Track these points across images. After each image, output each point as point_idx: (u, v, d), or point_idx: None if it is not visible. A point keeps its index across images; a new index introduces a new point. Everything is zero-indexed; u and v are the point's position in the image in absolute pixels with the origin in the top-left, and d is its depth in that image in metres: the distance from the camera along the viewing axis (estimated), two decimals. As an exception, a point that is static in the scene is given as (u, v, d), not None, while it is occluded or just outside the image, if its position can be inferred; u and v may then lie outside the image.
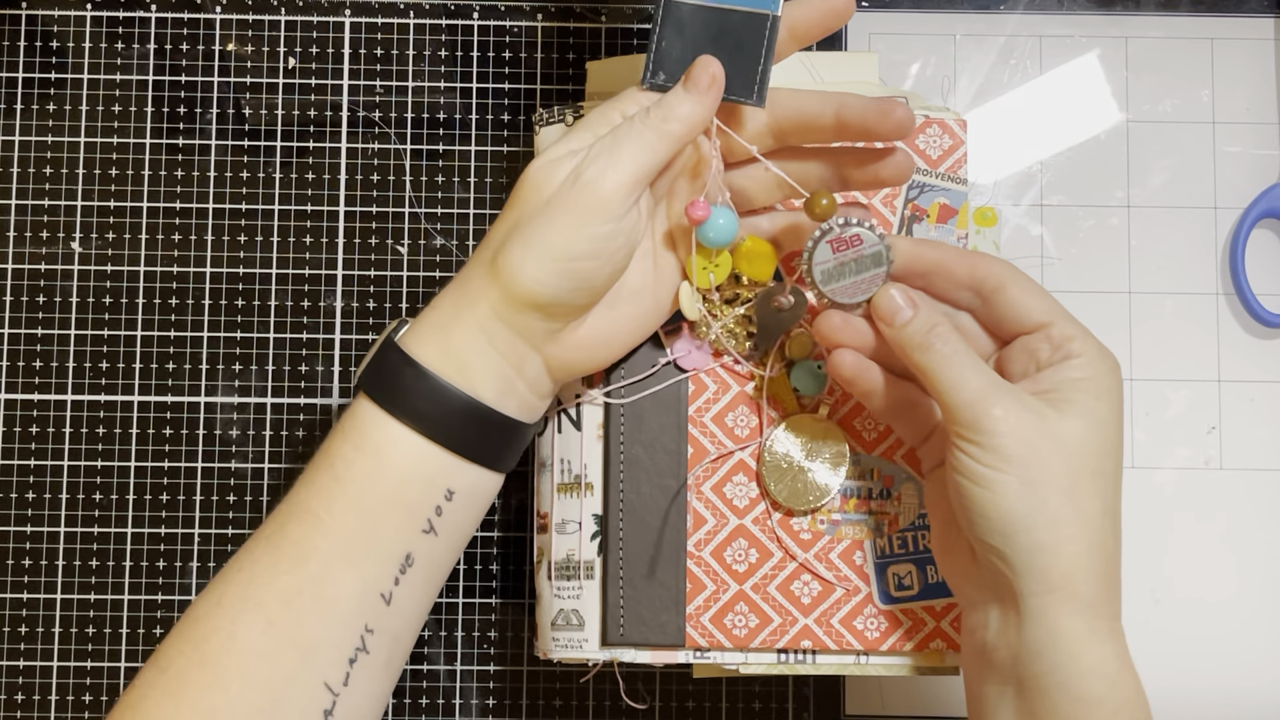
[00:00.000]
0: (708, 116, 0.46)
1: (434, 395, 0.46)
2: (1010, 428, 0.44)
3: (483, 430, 0.47)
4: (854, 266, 0.48)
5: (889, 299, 0.48)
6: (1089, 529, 0.45)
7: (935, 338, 0.46)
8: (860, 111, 0.47)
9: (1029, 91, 0.64)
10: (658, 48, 0.48)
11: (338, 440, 0.47)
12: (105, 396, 0.62)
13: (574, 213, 0.45)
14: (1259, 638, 0.61)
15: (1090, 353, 0.46)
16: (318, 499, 0.46)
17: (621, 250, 0.46)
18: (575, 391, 0.54)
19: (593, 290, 0.47)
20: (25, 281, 0.62)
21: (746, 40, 0.47)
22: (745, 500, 0.53)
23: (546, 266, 0.45)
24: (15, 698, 0.61)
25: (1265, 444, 0.62)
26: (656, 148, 0.46)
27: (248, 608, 0.45)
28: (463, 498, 0.47)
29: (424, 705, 0.61)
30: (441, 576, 0.49)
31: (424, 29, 0.64)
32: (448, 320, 0.47)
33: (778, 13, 0.47)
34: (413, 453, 0.46)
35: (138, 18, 0.64)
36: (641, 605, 0.52)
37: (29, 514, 0.61)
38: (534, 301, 0.46)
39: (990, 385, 0.45)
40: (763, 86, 0.47)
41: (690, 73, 0.47)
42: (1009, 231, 0.63)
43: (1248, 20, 0.64)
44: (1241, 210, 0.63)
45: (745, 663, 0.53)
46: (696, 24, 0.47)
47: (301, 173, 0.63)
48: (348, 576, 0.45)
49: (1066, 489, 0.44)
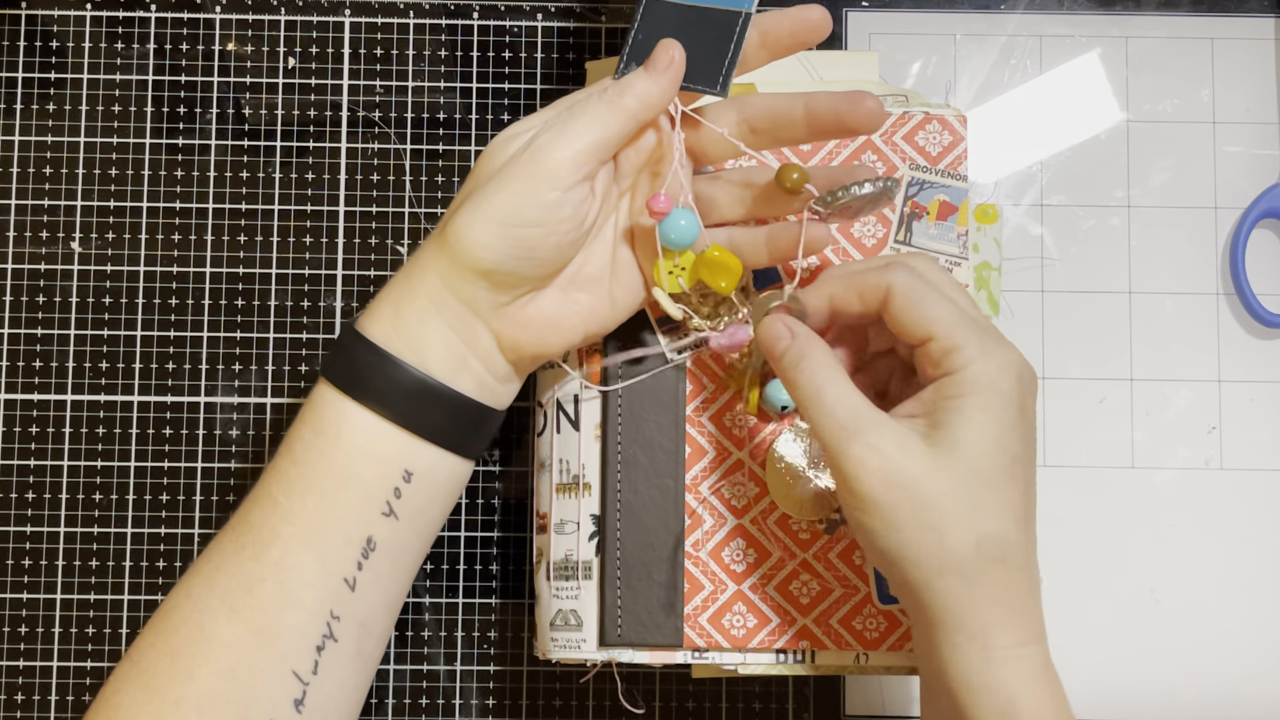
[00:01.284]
0: (665, 96, 0.46)
1: (385, 371, 0.46)
2: (869, 470, 0.44)
3: (437, 408, 0.47)
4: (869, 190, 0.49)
5: (770, 328, 0.48)
6: (961, 561, 0.43)
7: (807, 362, 0.46)
8: (830, 104, 0.47)
9: (1029, 91, 0.64)
10: (633, 41, 0.48)
11: (298, 423, 0.47)
12: (105, 396, 0.62)
13: (522, 178, 0.45)
14: (1259, 638, 0.61)
15: (974, 363, 0.44)
16: (277, 483, 0.46)
17: (568, 223, 0.46)
18: (575, 392, 0.54)
19: (538, 261, 0.46)
20: (25, 281, 0.63)
21: (718, 35, 0.47)
22: (743, 500, 0.53)
23: (491, 231, 0.45)
24: (15, 698, 0.61)
25: (1265, 444, 0.62)
26: (608, 121, 0.45)
27: (213, 596, 0.45)
28: (422, 480, 0.47)
29: (424, 705, 0.61)
30: (410, 564, 0.48)
31: (424, 29, 0.64)
32: (399, 295, 0.47)
33: (751, 10, 0.47)
34: (366, 431, 0.46)
35: (137, 18, 0.64)
36: (639, 606, 0.52)
37: (29, 514, 0.62)
38: (478, 267, 0.45)
39: (851, 420, 0.44)
40: (727, 77, 0.47)
41: (652, 54, 0.47)
42: (1009, 232, 0.63)
43: (1248, 20, 0.64)
44: (1242, 210, 0.63)
45: (744, 663, 0.53)
46: (673, 21, 0.48)
47: (301, 173, 0.63)
48: (308, 561, 0.45)
49: (929, 524, 0.43)
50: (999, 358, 0.44)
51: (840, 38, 0.64)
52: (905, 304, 0.46)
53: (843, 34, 0.64)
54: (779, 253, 0.50)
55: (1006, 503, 0.44)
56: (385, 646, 0.48)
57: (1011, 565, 0.44)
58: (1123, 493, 0.62)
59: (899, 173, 0.54)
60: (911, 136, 0.54)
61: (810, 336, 0.47)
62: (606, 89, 0.46)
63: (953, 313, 0.45)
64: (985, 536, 0.43)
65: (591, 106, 0.46)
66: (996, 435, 0.44)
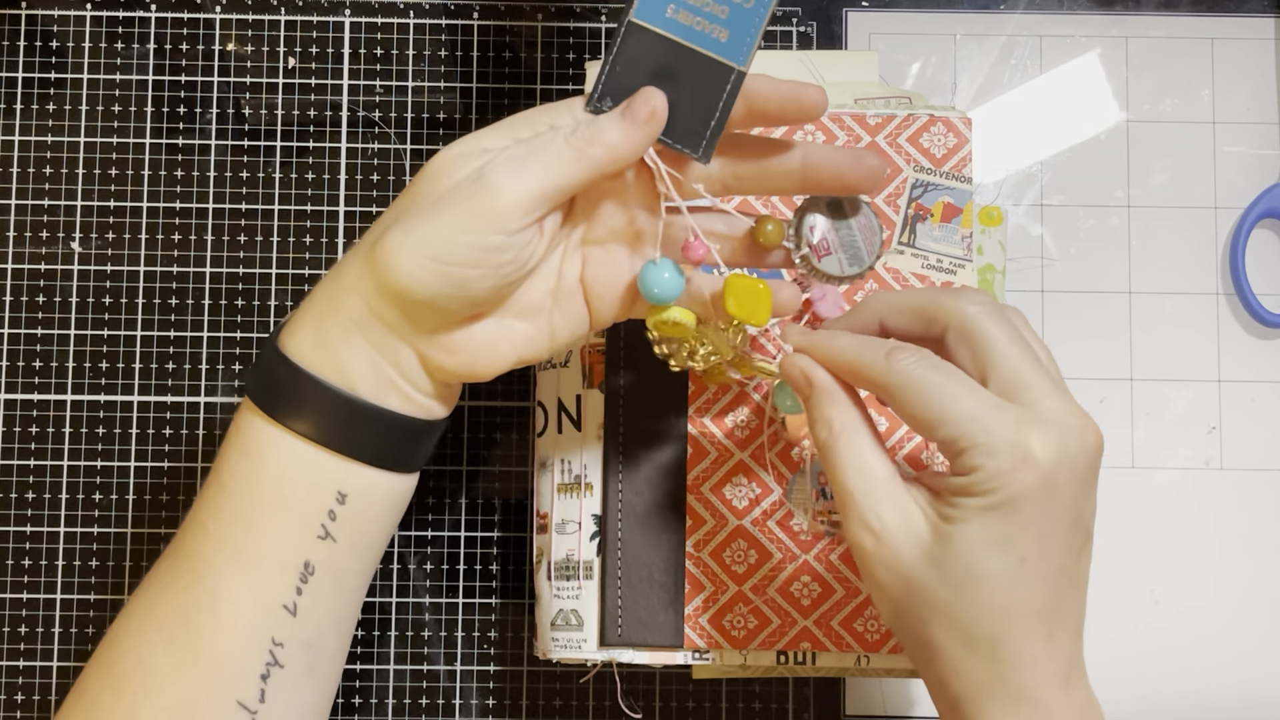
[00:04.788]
0: (637, 151, 0.42)
1: (308, 392, 0.43)
2: (869, 552, 0.41)
3: (365, 428, 0.44)
4: (847, 235, 0.46)
5: (789, 371, 0.44)
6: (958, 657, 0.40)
7: (820, 427, 0.43)
8: (830, 161, 0.44)
9: (1029, 91, 0.64)
10: (610, 70, 0.43)
11: (225, 446, 0.45)
12: (105, 396, 0.62)
13: (465, 214, 0.41)
14: (1259, 638, 0.61)
15: (986, 467, 0.39)
16: (206, 510, 0.44)
17: (508, 267, 0.42)
18: (577, 391, 0.54)
19: (469, 301, 0.43)
20: (25, 281, 0.62)
21: (705, 88, 0.43)
22: (745, 501, 0.53)
23: (423, 264, 0.41)
24: (15, 698, 0.61)
25: (1265, 444, 0.62)
26: (571, 169, 0.41)
27: (150, 628, 0.43)
28: (358, 500, 0.45)
29: (424, 705, 0.61)
30: (357, 582, 0.46)
31: (424, 29, 0.64)
32: (322, 311, 0.44)
33: (745, 68, 0.42)
34: (293, 453, 0.44)
35: (138, 17, 0.64)
36: (640, 606, 0.52)
37: (29, 514, 0.61)
38: (405, 298, 0.42)
39: (863, 493, 0.41)
40: (711, 142, 0.43)
41: (631, 101, 0.42)
42: (1009, 232, 0.63)
43: (1248, 20, 0.64)
44: (1242, 210, 0.63)
45: (745, 664, 0.53)
46: (657, 55, 0.43)
47: (301, 173, 0.63)
48: (242, 590, 0.43)
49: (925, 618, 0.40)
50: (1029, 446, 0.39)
51: (840, 38, 0.64)
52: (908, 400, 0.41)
53: (843, 34, 0.64)
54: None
55: (1009, 604, 0.39)
56: (345, 658, 0.47)
57: (1011, 666, 0.40)
58: (1123, 493, 0.62)
59: (903, 174, 0.54)
60: (916, 138, 0.54)
61: (828, 385, 0.43)
62: (576, 130, 0.42)
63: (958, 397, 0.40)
64: (978, 638, 0.40)
65: (555, 149, 0.42)
66: (1000, 534, 0.39)
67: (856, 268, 0.46)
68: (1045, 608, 0.40)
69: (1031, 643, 0.40)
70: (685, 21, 0.42)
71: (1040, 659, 0.40)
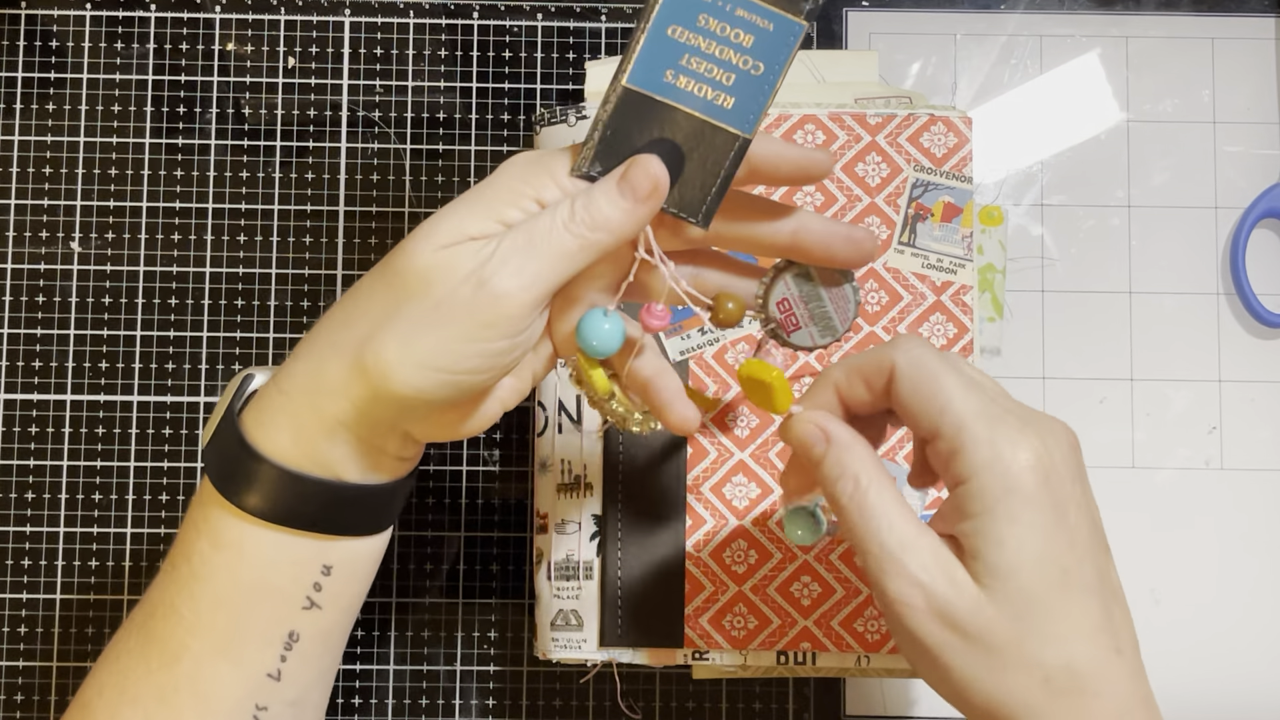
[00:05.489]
0: (639, 228, 0.40)
1: (289, 487, 0.41)
2: (917, 609, 0.38)
3: (349, 506, 0.43)
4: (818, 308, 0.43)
5: (801, 428, 0.41)
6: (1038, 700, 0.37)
7: (842, 486, 0.40)
8: (823, 238, 0.41)
9: (1029, 91, 0.64)
10: (602, 136, 0.40)
11: (191, 532, 0.43)
12: (105, 396, 0.62)
13: (470, 325, 0.38)
14: (1259, 637, 0.61)
15: (983, 470, 0.38)
16: (179, 595, 0.42)
17: (515, 363, 0.41)
18: (576, 392, 0.54)
19: (473, 396, 0.41)
20: (25, 281, 0.62)
21: (707, 154, 0.40)
22: (745, 501, 0.53)
23: (426, 376, 0.39)
24: (15, 698, 0.61)
25: (1265, 444, 0.62)
26: (576, 259, 0.39)
27: (124, 702, 0.42)
28: (342, 568, 0.44)
29: (424, 705, 0.61)
30: (340, 638, 0.45)
31: (424, 29, 0.64)
32: (300, 409, 0.41)
33: (750, 135, 0.40)
34: (274, 544, 0.42)
35: (137, 17, 0.64)
36: (640, 606, 0.52)
37: (29, 514, 0.61)
38: (405, 405, 0.40)
39: (897, 549, 0.38)
40: (711, 209, 0.40)
41: (628, 172, 0.39)
42: (1009, 232, 0.63)
43: (1248, 20, 0.64)
44: (1242, 210, 0.63)
45: (744, 664, 0.53)
46: (654, 121, 0.40)
47: (301, 173, 0.63)
48: (224, 670, 0.42)
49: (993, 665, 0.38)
50: (1013, 454, 0.38)
51: (840, 38, 0.64)
52: (911, 386, 0.40)
53: (843, 34, 0.64)
54: (649, 401, 0.45)
55: (1071, 623, 0.38)
56: (326, 706, 0.47)
57: (1092, 693, 0.37)
58: (1123, 493, 0.62)
59: (904, 174, 0.54)
60: (916, 138, 0.54)
61: (846, 439, 0.41)
62: (575, 217, 0.39)
63: (963, 399, 0.39)
64: (1055, 670, 0.37)
65: (557, 240, 0.39)
66: (1036, 550, 0.38)
67: (829, 337, 0.44)
68: (1102, 621, 0.38)
69: (1107, 663, 0.38)
70: (685, 88, 0.40)
71: (1122, 679, 0.38)
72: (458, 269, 0.38)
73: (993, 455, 0.38)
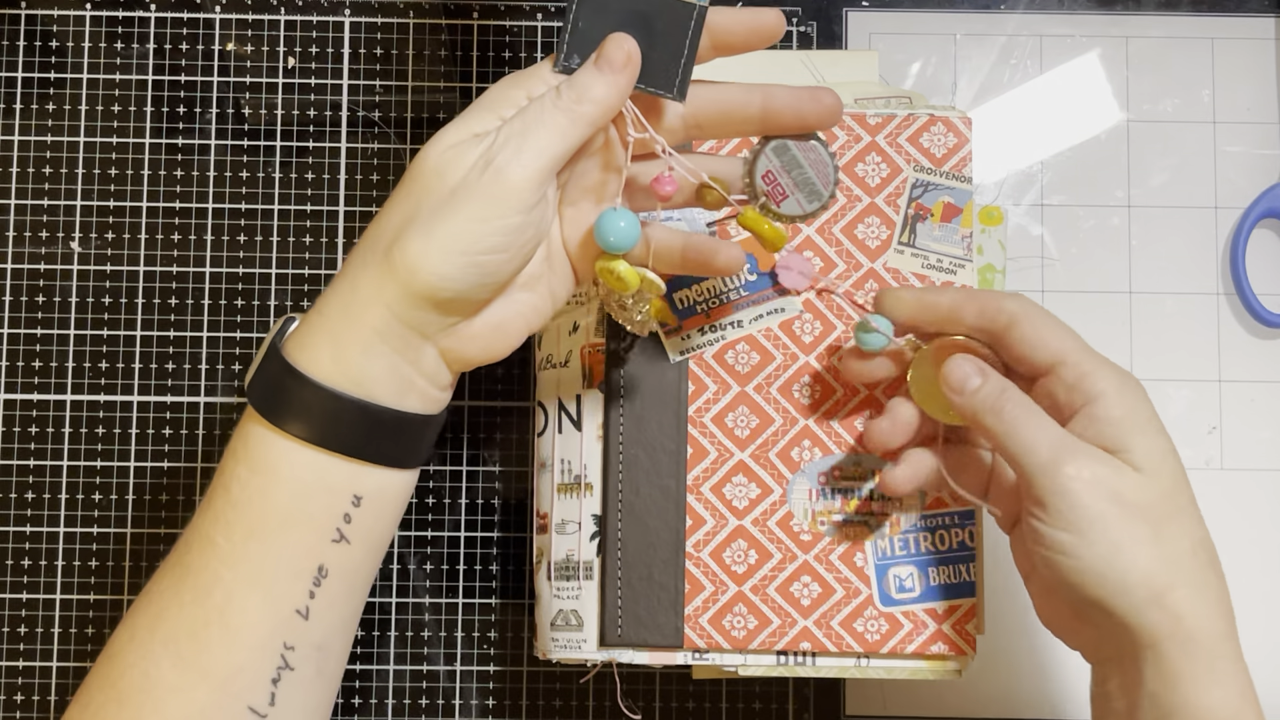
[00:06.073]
0: (622, 98, 0.44)
1: (327, 406, 0.44)
2: (1087, 483, 0.44)
3: (384, 432, 0.45)
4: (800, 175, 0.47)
5: (959, 368, 0.47)
6: (1187, 571, 0.44)
7: (1006, 401, 0.46)
8: (790, 102, 0.46)
9: (1029, 91, 0.64)
10: (573, 29, 0.45)
11: (230, 461, 0.45)
12: (105, 396, 0.62)
13: (484, 203, 0.42)
14: (1259, 637, 0.61)
15: (1111, 388, 0.45)
16: (215, 525, 0.44)
17: (531, 242, 0.44)
18: (577, 392, 0.54)
19: (498, 285, 0.44)
20: (25, 281, 0.62)
21: (669, 30, 0.44)
22: (745, 501, 0.53)
23: (452, 260, 0.42)
24: (15, 698, 0.61)
25: (1265, 444, 0.62)
26: (569, 132, 0.43)
27: (156, 642, 0.43)
28: (372, 501, 0.45)
29: (424, 705, 0.61)
30: (364, 582, 0.47)
31: (424, 29, 0.64)
32: (337, 325, 0.44)
33: (705, 3, 0.44)
34: (310, 466, 0.44)
35: (137, 17, 0.64)
36: (640, 606, 0.52)
37: (29, 514, 0.61)
38: (436, 298, 0.43)
39: (1059, 448, 0.45)
40: (684, 80, 0.45)
41: (602, 50, 0.44)
42: (1009, 232, 0.63)
43: (1248, 20, 0.64)
44: (1242, 210, 0.63)
45: (744, 664, 0.53)
46: (617, 7, 0.44)
47: (301, 173, 0.63)
48: (255, 602, 0.43)
49: (1151, 537, 0.44)
50: (1125, 378, 0.46)
51: (840, 38, 0.64)
52: (1031, 329, 0.47)
53: (843, 34, 0.64)
54: (692, 264, 0.48)
55: (1198, 511, 0.45)
56: (347, 660, 0.47)
57: (1219, 571, 0.45)
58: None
59: (903, 174, 0.54)
60: (916, 138, 0.54)
61: (1000, 377, 0.47)
62: (561, 94, 0.43)
63: (1072, 338, 0.46)
64: (1198, 542, 0.44)
65: (549, 117, 0.43)
66: (1166, 448, 0.45)
67: (816, 203, 0.48)
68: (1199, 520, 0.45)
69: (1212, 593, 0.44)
70: None
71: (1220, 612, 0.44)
72: (466, 159, 0.43)
73: (1115, 377, 0.45)
